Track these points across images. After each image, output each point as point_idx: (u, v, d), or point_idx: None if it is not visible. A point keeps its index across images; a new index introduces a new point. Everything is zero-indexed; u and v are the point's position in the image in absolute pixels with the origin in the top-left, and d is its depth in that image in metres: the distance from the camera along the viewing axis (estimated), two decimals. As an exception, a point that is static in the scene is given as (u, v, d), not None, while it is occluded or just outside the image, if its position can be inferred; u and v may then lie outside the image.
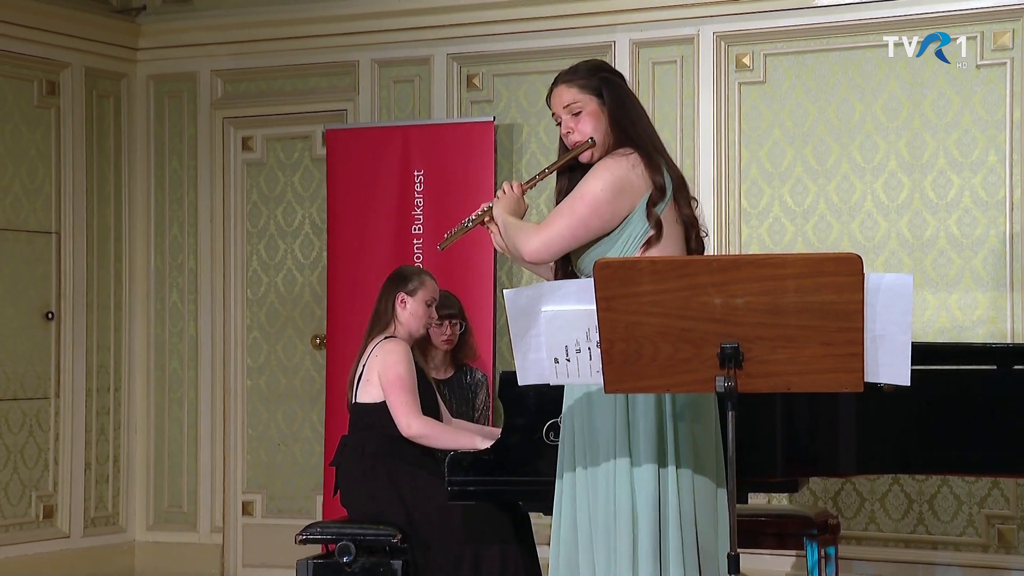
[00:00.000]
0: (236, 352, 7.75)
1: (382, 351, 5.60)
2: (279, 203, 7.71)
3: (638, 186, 3.85)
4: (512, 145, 7.18)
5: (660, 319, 3.41)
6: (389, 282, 5.81)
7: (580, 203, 3.84)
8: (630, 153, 3.88)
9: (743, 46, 6.77)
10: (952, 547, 6.42)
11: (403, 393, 5.50)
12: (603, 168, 3.87)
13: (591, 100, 3.98)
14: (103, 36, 7.70)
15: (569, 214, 3.85)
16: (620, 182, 3.83)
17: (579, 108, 3.98)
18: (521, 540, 5.44)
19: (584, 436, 3.87)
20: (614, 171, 3.85)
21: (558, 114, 4.03)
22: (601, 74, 4.04)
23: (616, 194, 3.83)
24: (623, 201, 3.84)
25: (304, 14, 7.53)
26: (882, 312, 3.41)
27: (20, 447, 7.35)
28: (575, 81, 4.02)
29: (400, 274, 5.85)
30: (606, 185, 3.83)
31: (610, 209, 3.83)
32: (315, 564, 5.52)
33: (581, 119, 3.98)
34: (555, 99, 4.03)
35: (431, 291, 5.79)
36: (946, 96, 6.43)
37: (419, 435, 5.49)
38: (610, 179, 3.84)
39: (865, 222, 6.56)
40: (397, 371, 5.53)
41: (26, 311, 7.39)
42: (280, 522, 7.51)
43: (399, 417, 5.49)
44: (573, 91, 4.00)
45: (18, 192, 7.37)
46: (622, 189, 3.83)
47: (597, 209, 3.83)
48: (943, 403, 4.86)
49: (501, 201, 4.07)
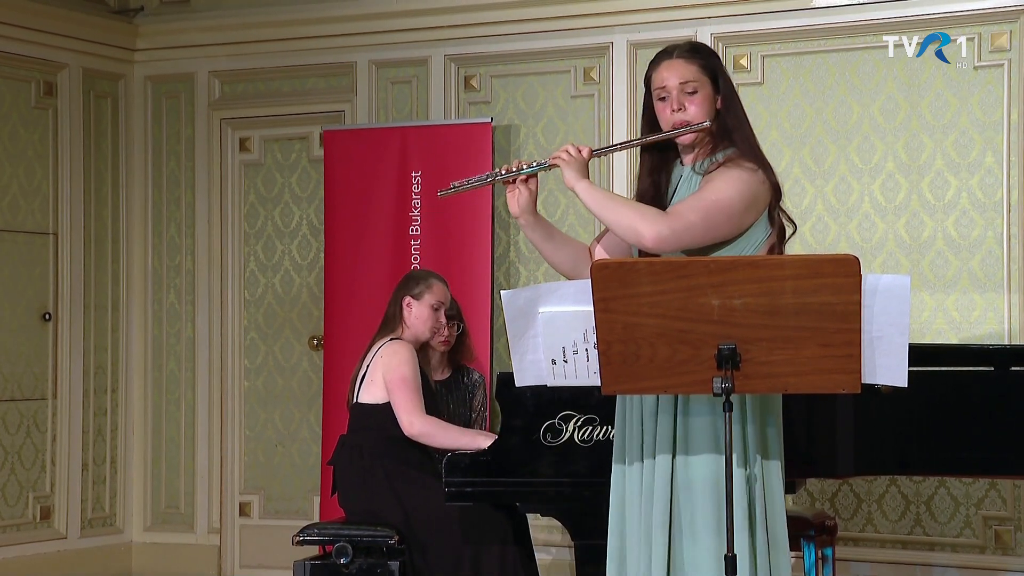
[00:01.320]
0: (233, 353, 7.74)
1: (387, 352, 5.61)
2: (277, 204, 7.70)
3: (763, 200, 3.79)
4: (510, 146, 7.18)
5: (658, 320, 3.41)
6: (399, 284, 5.88)
7: (716, 207, 3.71)
8: (756, 169, 3.78)
9: (741, 47, 6.77)
10: (949, 548, 6.42)
11: (407, 392, 5.52)
12: (736, 180, 3.75)
13: (707, 83, 3.85)
14: (101, 37, 7.70)
15: (704, 214, 3.70)
16: (751, 197, 3.76)
17: (695, 88, 3.83)
18: (519, 541, 5.44)
19: (670, 432, 3.79)
20: (748, 184, 3.75)
21: (669, 88, 3.82)
22: (715, 59, 3.92)
23: (746, 208, 3.75)
24: (749, 216, 3.77)
25: (302, 15, 7.52)
26: (879, 313, 3.42)
27: (17, 448, 7.35)
28: (696, 59, 3.85)
29: (408, 277, 5.92)
30: (741, 199, 3.74)
31: (739, 221, 3.75)
32: (312, 565, 5.52)
33: (696, 100, 3.83)
34: (670, 71, 3.84)
35: (438, 295, 5.80)
36: (944, 97, 6.43)
37: (421, 433, 5.50)
38: (745, 191, 3.75)
39: (863, 223, 6.56)
40: (402, 371, 5.54)
41: (23, 312, 7.38)
42: (277, 523, 7.51)
43: (402, 415, 5.50)
44: (694, 68, 3.84)
45: (16, 193, 7.36)
46: (751, 205, 3.76)
47: (731, 219, 3.73)
48: (940, 404, 4.86)
49: (570, 164, 3.83)
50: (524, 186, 3.88)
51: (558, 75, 7.13)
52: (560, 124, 7.11)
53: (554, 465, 4.74)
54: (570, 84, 7.09)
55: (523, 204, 3.88)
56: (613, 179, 6.91)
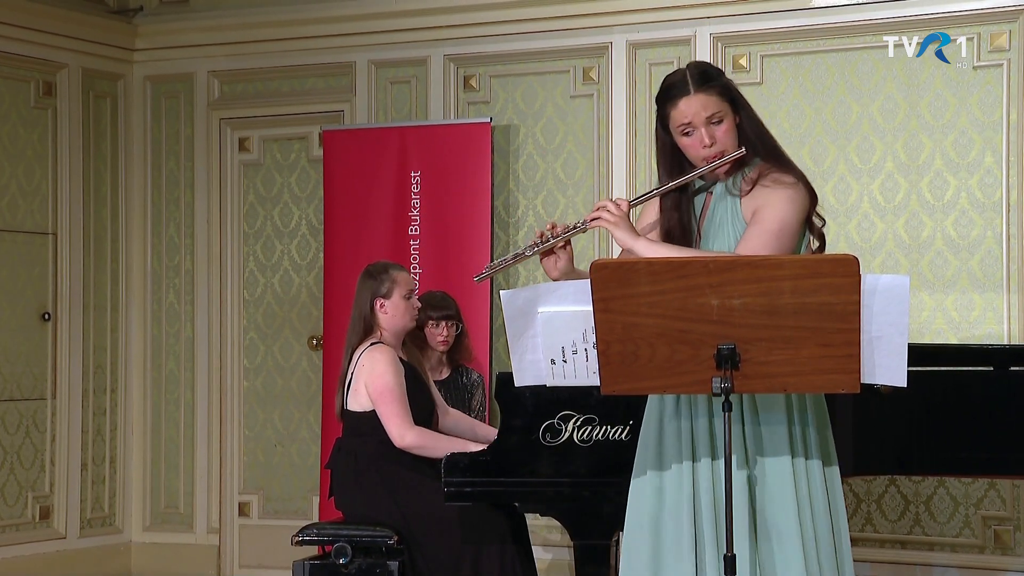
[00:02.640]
0: (233, 353, 7.74)
1: (368, 360, 5.54)
2: (276, 204, 7.70)
3: (809, 211, 3.78)
4: (509, 146, 7.18)
5: (657, 320, 3.41)
6: (360, 285, 5.69)
7: (781, 236, 3.67)
8: (796, 183, 3.75)
9: (740, 47, 6.77)
10: (949, 548, 6.42)
11: (393, 404, 5.45)
12: (788, 200, 3.72)
13: (728, 108, 3.77)
14: (100, 37, 7.70)
15: (773, 247, 3.65)
16: (802, 213, 3.74)
17: (720, 117, 3.74)
18: (518, 541, 5.43)
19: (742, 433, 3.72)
20: (798, 201, 3.73)
21: (694, 123, 3.72)
22: (723, 77, 3.82)
23: (801, 223, 3.74)
24: (801, 230, 3.76)
25: (301, 15, 7.52)
26: (879, 313, 3.41)
27: (17, 448, 7.35)
28: (713, 88, 3.74)
29: (368, 275, 5.72)
30: (797, 217, 3.72)
31: (798, 238, 3.75)
32: (311, 565, 5.52)
33: (723, 129, 3.75)
34: (692, 108, 3.72)
35: (405, 283, 5.68)
36: (943, 97, 6.43)
37: (413, 446, 5.45)
38: (798, 210, 3.73)
39: (862, 223, 6.56)
40: (384, 381, 5.47)
41: (23, 312, 7.38)
42: (277, 523, 7.51)
43: (391, 429, 5.45)
44: (715, 99, 3.73)
45: (15, 193, 7.36)
46: (803, 220, 3.75)
47: (792, 240, 3.71)
48: (940, 404, 4.86)
49: (619, 224, 3.71)
50: (562, 252, 3.79)
51: (557, 75, 7.13)
52: (559, 124, 7.11)
53: (553, 465, 4.75)
54: (569, 84, 7.09)
55: (564, 268, 3.79)
56: (612, 180, 6.92)
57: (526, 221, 7.13)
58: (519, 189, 7.14)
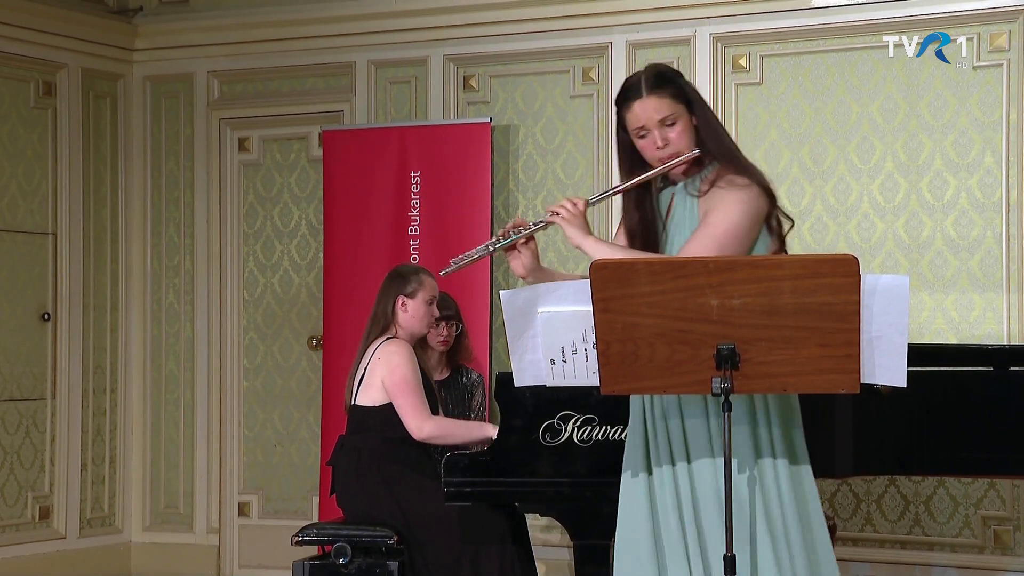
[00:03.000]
0: (232, 353, 7.74)
1: (384, 353, 5.58)
2: (276, 204, 7.70)
3: (764, 211, 3.77)
4: (509, 146, 7.18)
5: (657, 320, 3.41)
6: (387, 283, 5.77)
7: (727, 239, 3.68)
8: (749, 184, 3.75)
9: (740, 47, 6.77)
10: (948, 548, 6.42)
11: (411, 395, 5.48)
12: (737, 202, 3.72)
13: (683, 110, 3.78)
14: (100, 37, 7.69)
15: (717, 249, 3.66)
16: (754, 214, 3.74)
17: (674, 120, 3.76)
18: (518, 541, 5.43)
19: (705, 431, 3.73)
20: (749, 203, 3.73)
21: (647, 126, 3.76)
22: (679, 79, 3.84)
23: (751, 227, 3.74)
24: (755, 231, 3.76)
25: (301, 15, 7.52)
26: (879, 313, 3.42)
27: (16, 448, 7.35)
28: (666, 90, 3.77)
29: (398, 274, 5.81)
30: (745, 220, 3.72)
31: (748, 240, 3.74)
32: (311, 565, 5.52)
33: (676, 131, 3.77)
34: (645, 111, 3.76)
35: (431, 289, 5.76)
36: (943, 97, 6.43)
37: (432, 436, 5.48)
38: (747, 211, 3.72)
39: (862, 223, 6.56)
40: (402, 373, 5.50)
41: (22, 312, 7.38)
42: (276, 523, 7.51)
43: (409, 421, 5.48)
44: (667, 101, 3.76)
45: (15, 193, 7.36)
46: (756, 221, 3.75)
47: (740, 244, 3.71)
48: (940, 404, 4.86)
49: (572, 222, 3.79)
50: (525, 248, 3.84)
51: (557, 75, 7.13)
52: (559, 124, 7.11)
53: (553, 465, 4.74)
54: (569, 84, 7.09)
55: (528, 265, 3.83)
56: (612, 180, 6.92)
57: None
58: (519, 189, 7.14)
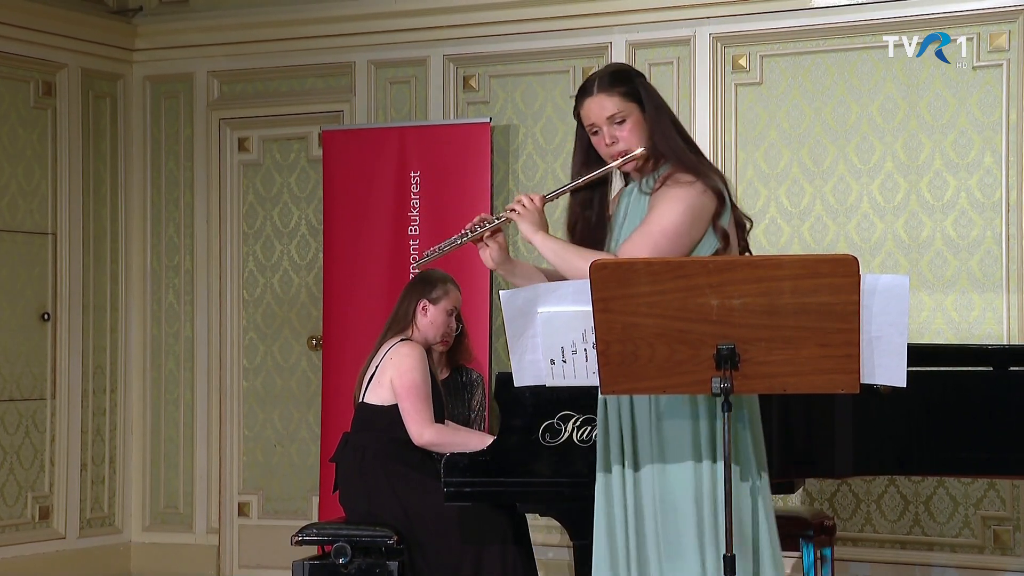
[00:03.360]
0: (232, 353, 7.74)
1: (397, 354, 5.58)
2: (275, 204, 7.71)
3: (708, 209, 3.78)
4: (508, 146, 7.18)
5: (657, 320, 3.41)
6: (413, 285, 5.83)
7: (662, 237, 3.71)
8: (694, 181, 3.77)
9: (739, 47, 6.77)
10: (948, 548, 6.42)
11: (417, 401, 5.49)
12: (677, 200, 3.75)
13: (634, 108, 3.84)
14: (99, 37, 7.70)
15: (651, 247, 3.70)
16: (696, 212, 3.75)
17: (623, 118, 3.84)
18: (519, 541, 5.43)
19: (648, 432, 3.77)
20: (688, 202, 3.75)
21: (596, 124, 3.85)
22: (636, 79, 3.90)
23: (691, 225, 3.75)
24: (696, 229, 3.77)
25: (301, 15, 7.52)
26: (878, 313, 3.42)
27: (16, 448, 7.35)
28: (616, 89, 3.85)
29: (426, 279, 5.83)
30: (684, 218, 3.74)
31: (688, 239, 3.76)
32: (311, 565, 5.52)
33: (626, 129, 3.84)
34: (595, 109, 3.85)
35: (454, 301, 5.81)
36: (942, 97, 6.43)
37: (431, 443, 5.49)
38: (687, 210, 3.74)
39: (861, 223, 6.56)
40: (412, 377, 5.51)
41: (22, 312, 7.38)
42: (276, 523, 7.51)
43: (411, 426, 5.49)
44: (616, 100, 3.84)
45: (14, 193, 7.36)
46: (697, 218, 3.76)
47: (678, 242, 3.73)
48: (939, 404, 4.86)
49: (527, 217, 3.87)
50: (492, 241, 3.90)
51: (557, 75, 7.13)
52: (559, 124, 7.11)
53: (553, 465, 4.74)
54: (569, 84, 7.08)
55: (496, 257, 3.90)
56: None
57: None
58: (519, 189, 7.14)
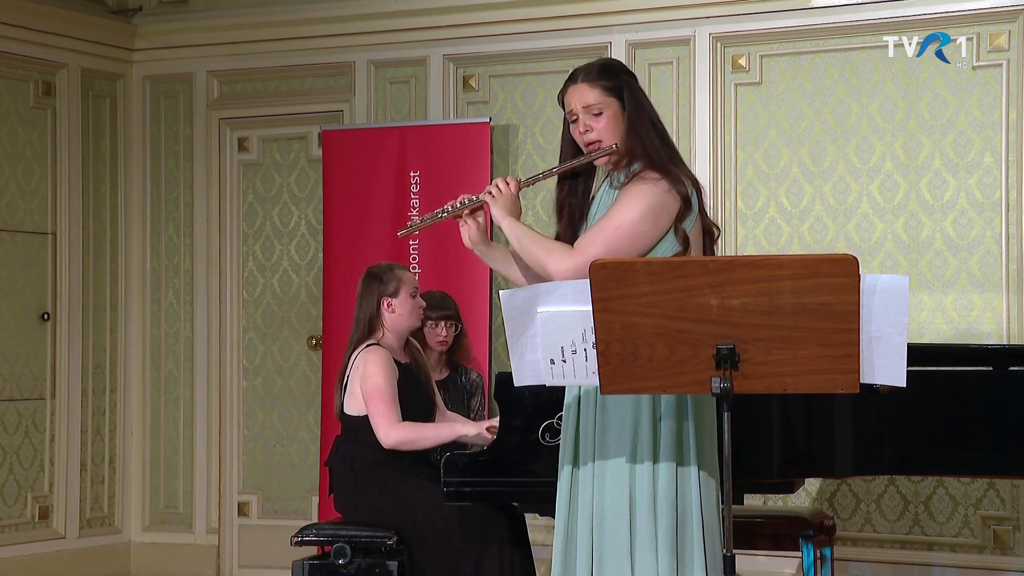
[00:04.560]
0: (232, 353, 7.74)
1: (362, 362, 5.54)
2: (275, 204, 7.71)
3: (671, 209, 3.81)
4: (508, 146, 7.18)
5: (656, 320, 3.41)
6: (364, 287, 5.69)
7: (617, 233, 3.77)
8: (659, 179, 3.80)
9: (739, 47, 6.77)
10: (948, 548, 6.42)
11: (381, 404, 5.45)
12: (638, 197, 3.79)
13: (613, 103, 3.91)
14: (99, 37, 7.70)
15: (605, 243, 3.76)
16: (656, 210, 3.78)
17: (600, 110, 3.92)
18: (518, 541, 5.43)
19: (591, 431, 3.84)
20: (649, 199, 3.79)
21: (575, 111, 3.95)
22: (622, 76, 3.96)
23: (652, 222, 3.79)
24: (658, 227, 3.80)
25: (300, 15, 7.52)
26: (878, 313, 3.41)
27: (16, 448, 7.35)
28: (598, 82, 3.92)
29: (373, 275, 5.71)
30: (644, 216, 3.78)
31: (648, 238, 3.80)
32: (311, 565, 5.52)
33: (602, 122, 3.91)
34: (574, 97, 3.95)
35: (410, 282, 5.70)
36: (942, 97, 6.43)
37: (398, 443, 5.45)
38: (647, 208, 3.78)
39: (861, 223, 6.56)
40: (375, 382, 5.47)
41: (22, 312, 7.38)
42: (276, 523, 7.51)
43: (378, 430, 5.46)
44: (596, 92, 3.92)
45: (14, 193, 7.36)
46: (658, 217, 3.79)
47: (635, 240, 3.78)
48: (939, 404, 4.86)
49: (499, 201, 3.97)
50: (471, 220, 4.00)
51: (556, 75, 7.12)
52: (559, 124, 7.01)
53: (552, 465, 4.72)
54: (569, 84, 7.08)
55: (473, 237, 4.00)
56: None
57: (524, 221, 7.10)
58: (518, 189, 7.12)
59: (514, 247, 3.96)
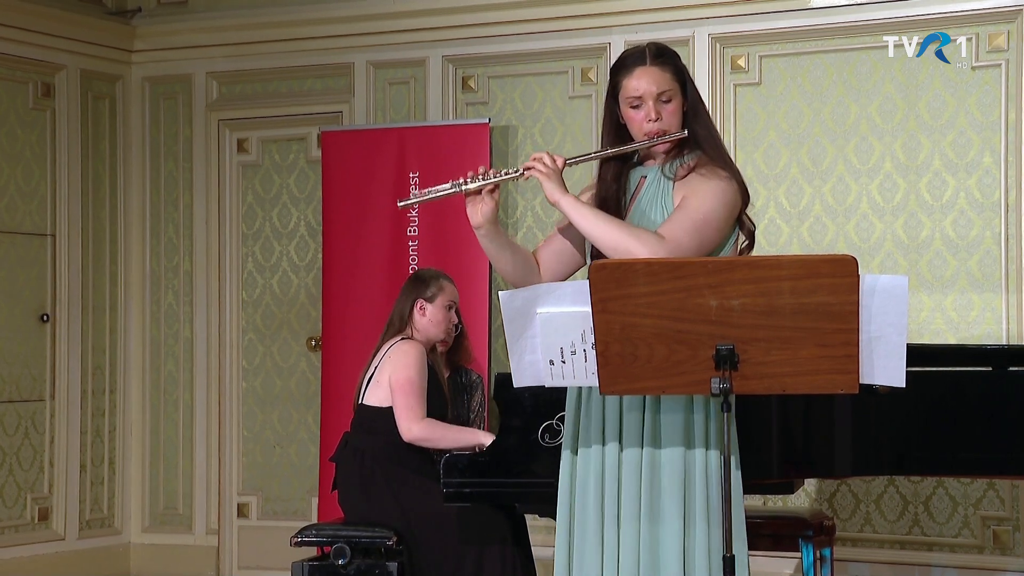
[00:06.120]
0: (231, 354, 7.74)
1: (396, 352, 5.59)
2: (274, 205, 7.71)
3: (739, 203, 3.81)
4: (507, 147, 7.18)
5: (655, 321, 3.41)
6: (407, 286, 5.82)
7: (705, 225, 3.72)
8: (731, 178, 3.77)
9: (738, 48, 6.77)
10: (948, 548, 6.42)
11: (409, 397, 5.48)
12: (720, 192, 3.75)
13: (679, 90, 3.80)
14: (98, 38, 7.69)
15: (698, 235, 3.70)
16: (731, 205, 3.77)
17: (670, 97, 3.77)
18: (518, 542, 5.43)
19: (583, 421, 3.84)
20: (728, 196, 3.76)
21: (644, 97, 3.75)
22: (681, 62, 3.85)
23: (729, 216, 3.78)
24: (732, 221, 3.80)
25: (300, 16, 7.52)
26: (877, 314, 3.41)
27: (15, 449, 7.35)
28: (669, 65, 3.78)
29: (419, 278, 5.84)
30: (725, 210, 3.76)
31: (725, 233, 3.79)
32: (310, 566, 5.52)
33: (670, 108, 3.78)
34: (645, 79, 3.75)
35: (450, 295, 5.80)
36: (941, 98, 6.43)
37: (420, 439, 5.49)
38: (727, 204, 3.76)
39: (860, 223, 6.56)
40: (408, 374, 5.51)
41: (21, 313, 7.38)
42: (276, 524, 7.51)
43: (401, 421, 5.49)
44: (668, 77, 3.77)
45: (13, 194, 7.36)
46: (732, 212, 3.78)
47: (718, 232, 3.75)
48: (939, 405, 4.85)
49: (551, 178, 3.72)
50: (489, 196, 3.79)
51: (556, 76, 7.13)
52: (558, 125, 7.11)
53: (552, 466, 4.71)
54: (568, 85, 7.09)
55: (486, 214, 3.79)
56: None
57: (525, 222, 7.14)
58: (517, 190, 7.14)
59: (584, 228, 3.72)
